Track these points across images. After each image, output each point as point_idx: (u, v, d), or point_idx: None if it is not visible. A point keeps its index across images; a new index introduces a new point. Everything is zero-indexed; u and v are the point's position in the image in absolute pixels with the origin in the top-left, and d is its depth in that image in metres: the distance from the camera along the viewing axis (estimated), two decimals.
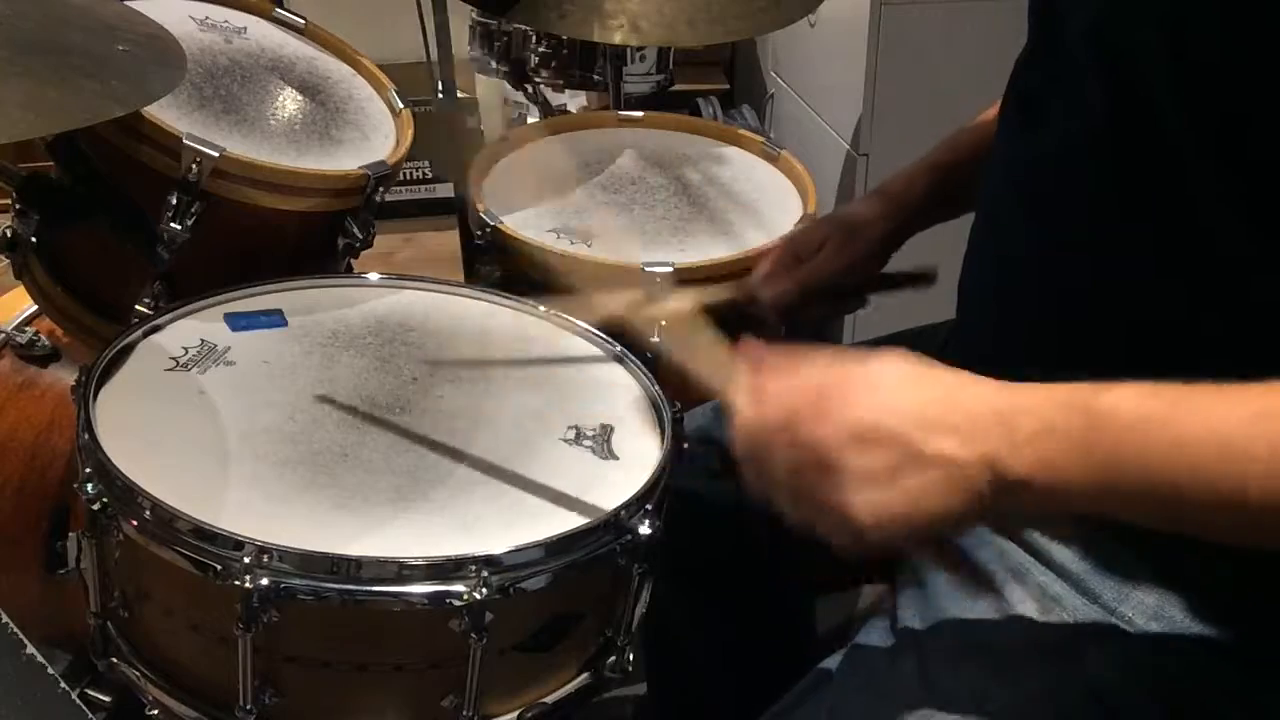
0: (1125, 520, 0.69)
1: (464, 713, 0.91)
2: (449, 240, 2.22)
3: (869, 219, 1.12)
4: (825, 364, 0.72)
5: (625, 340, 1.15)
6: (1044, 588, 0.82)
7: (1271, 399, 0.63)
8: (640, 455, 1.01)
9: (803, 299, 1.15)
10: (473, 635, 0.87)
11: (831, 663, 0.91)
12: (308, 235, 1.32)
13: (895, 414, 0.68)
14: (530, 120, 2.64)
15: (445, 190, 2.74)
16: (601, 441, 1.03)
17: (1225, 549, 0.66)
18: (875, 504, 0.68)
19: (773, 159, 1.62)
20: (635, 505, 0.94)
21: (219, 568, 0.86)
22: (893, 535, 0.68)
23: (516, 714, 0.95)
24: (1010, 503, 0.67)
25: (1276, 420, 0.62)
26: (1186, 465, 0.64)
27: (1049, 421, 0.66)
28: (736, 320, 1.32)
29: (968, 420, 0.68)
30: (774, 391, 0.72)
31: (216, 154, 1.18)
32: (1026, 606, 0.82)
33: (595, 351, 1.16)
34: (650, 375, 1.11)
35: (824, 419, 0.69)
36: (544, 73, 2.15)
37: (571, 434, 1.03)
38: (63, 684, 0.75)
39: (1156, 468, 0.64)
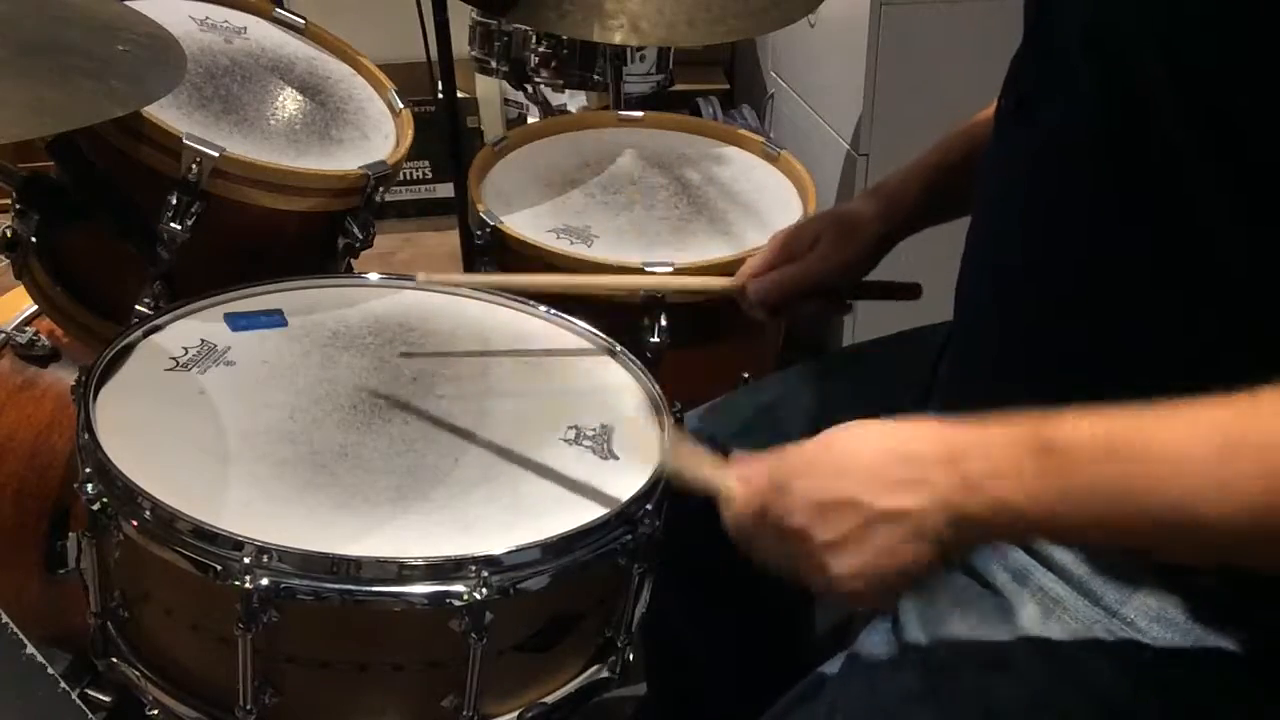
0: (1092, 545, 0.72)
1: (464, 713, 0.91)
2: (449, 240, 2.22)
3: (864, 218, 1.12)
4: (788, 454, 0.77)
5: (625, 340, 1.15)
6: (1046, 590, 0.82)
7: (1222, 414, 0.64)
8: (640, 455, 1.01)
9: (791, 296, 1.14)
10: (473, 635, 0.87)
11: (832, 665, 0.91)
12: (308, 235, 1.32)
13: (848, 480, 0.73)
14: (530, 120, 2.64)
15: (445, 190, 2.74)
16: (601, 441, 1.03)
17: None
18: (851, 566, 0.72)
19: (773, 159, 1.62)
20: (635, 505, 0.94)
21: (219, 568, 0.86)
22: (874, 590, 0.73)
23: (516, 714, 0.95)
24: (975, 538, 0.72)
25: (1222, 445, 0.63)
26: (1140, 490, 0.65)
27: (997, 463, 0.69)
28: (726, 314, 1.33)
29: (917, 471, 0.71)
30: (750, 487, 0.78)
31: (216, 154, 1.18)
32: (1028, 609, 0.82)
33: (594, 351, 1.16)
34: (650, 375, 1.11)
35: (788, 501, 0.74)
36: (544, 73, 2.15)
37: (571, 434, 1.03)
38: (63, 684, 0.75)
39: (1110, 495, 0.66)
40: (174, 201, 1.19)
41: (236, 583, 0.85)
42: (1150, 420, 0.66)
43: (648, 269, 1.32)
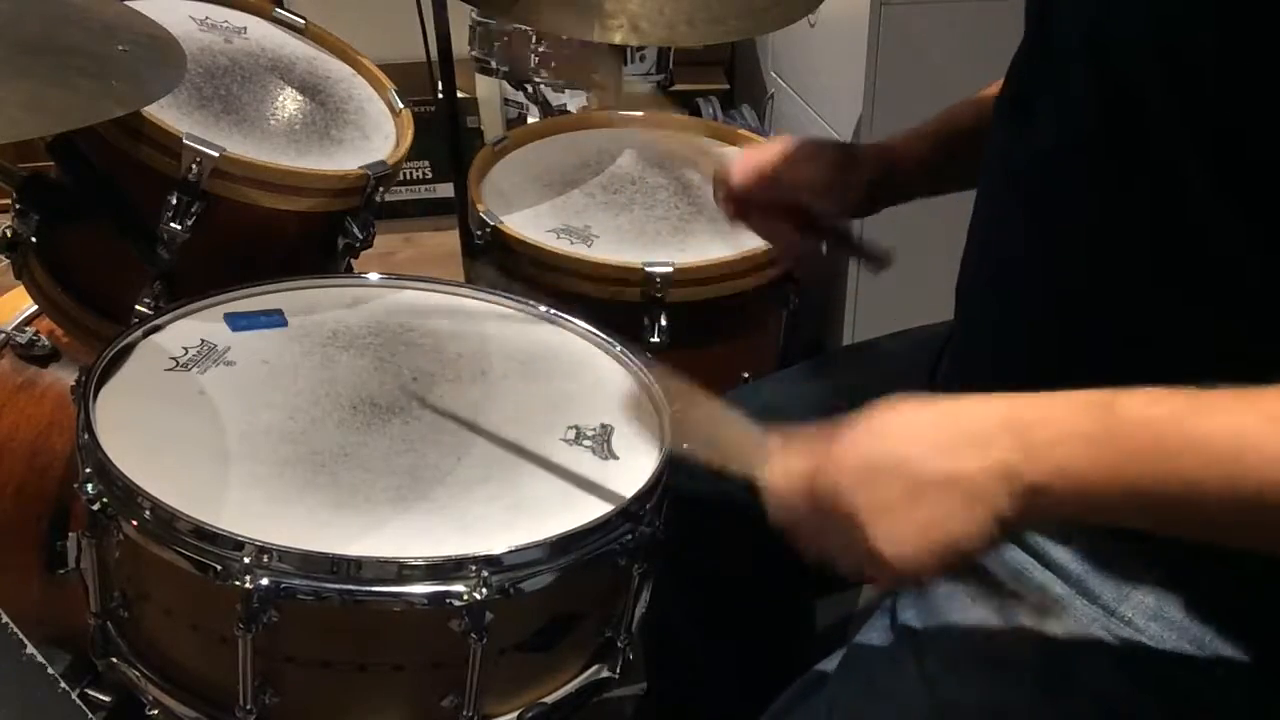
0: (1148, 528, 0.69)
1: (464, 713, 0.91)
2: (449, 240, 2.21)
3: (865, 158, 1.10)
4: (833, 428, 0.73)
5: (625, 340, 1.15)
6: (1044, 588, 0.82)
7: (1275, 399, 0.63)
8: (640, 455, 1.01)
9: (769, 200, 1.09)
10: (473, 635, 0.87)
11: (830, 663, 0.91)
12: (308, 235, 1.32)
13: (898, 445, 0.69)
14: (530, 120, 2.64)
15: (445, 190, 2.74)
16: (601, 441, 1.03)
17: (1225, 550, 0.66)
18: (895, 535, 0.68)
19: None
20: (636, 505, 0.94)
21: (219, 568, 0.86)
22: (921, 563, 0.68)
23: (516, 714, 0.95)
24: (1031, 511, 0.67)
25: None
26: (1202, 464, 0.63)
27: (1063, 427, 0.66)
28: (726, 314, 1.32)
29: (973, 435, 0.68)
30: (792, 464, 0.74)
31: (216, 154, 1.18)
32: (1026, 607, 0.82)
33: (595, 351, 1.16)
34: (650, 375, 1.11)
35: (834, 473, 0.70)
36: (544, 73, 2.15)
37: (571, 434, 1.03)
38: (63, 684, 0.75)
39: (1174, 467, 0.64)
40: (174, 201, 1.19)
41: (236, 583, 0.85)
42: (1213, 399, 0.64)
43: (648, 269, 1.32)
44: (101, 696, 1.37)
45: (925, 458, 0.68)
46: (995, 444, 0.67)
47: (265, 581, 0.85)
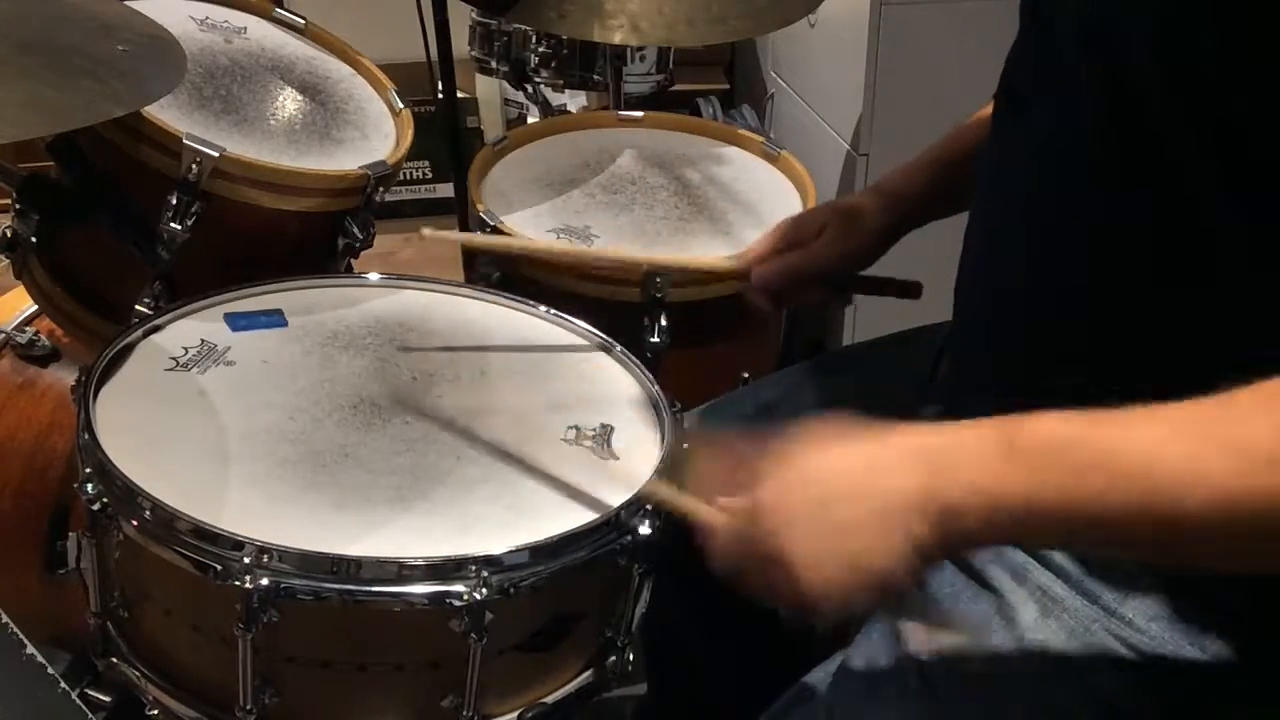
0: (1079, 549, 0.71)
1: (464, 713, 0.91)
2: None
3: (869, 210, 1.12)
4: (762, 478, 0.75)
5: (625, 340, 1.15)
6: (1044, 589, 0.82)
7: (1195, 412, 0.64)
8: (640, 455, 1.01)
9: (794, 283, 1.14)
10: (473, 635, 0.87)
11: (831, 665, 0.91)
12: (308, 235, 1.32)
13: (817, 489, 0.72)
14: (530, 120, 2.64)
15: (445, 190, 2.74)
16: (601, 441, 1.03)
17: None
18: (821, 574, 0.71)
19: (773, 159, 1.62)
20: (635, 505, 0.94)
21: (219, 568, 0.86)
22: (847, 597, 0.71)
23: (516, 714, 0.95)
24: (950, 535, 0.69)
25: (1191, 437, 0.63)
26: (1109, 479, 0.64)
27: (972, 449, 0.68)
28: (726, 314, 1.33)
29: (886, 465, 0.71)
30: (728, 522, 0.77)
31: (216, 154, 1.18)
32: (1027, 608, 0.82)
33: (595, 351, 1.16)
34: (650, 374, 1.11)
35: (760, 521, 0.74)
36: (544, 73, 2.15)
37: (571, 434, 1.03)
38: (63, 684, 0.75)
39: (1082, 482, 0.65)
40: (174, 201, 1.19)
41: (236, 583, 0.85)
42: (1122, 417, 0.65)
43: (648, 269, 1.32)
44: (101, 696, 1.37)
45: (842, 497, 0.71)
46: (907, 471, 0.69)
47: (265, 581, 0.85)
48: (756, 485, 0.75)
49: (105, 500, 0.91)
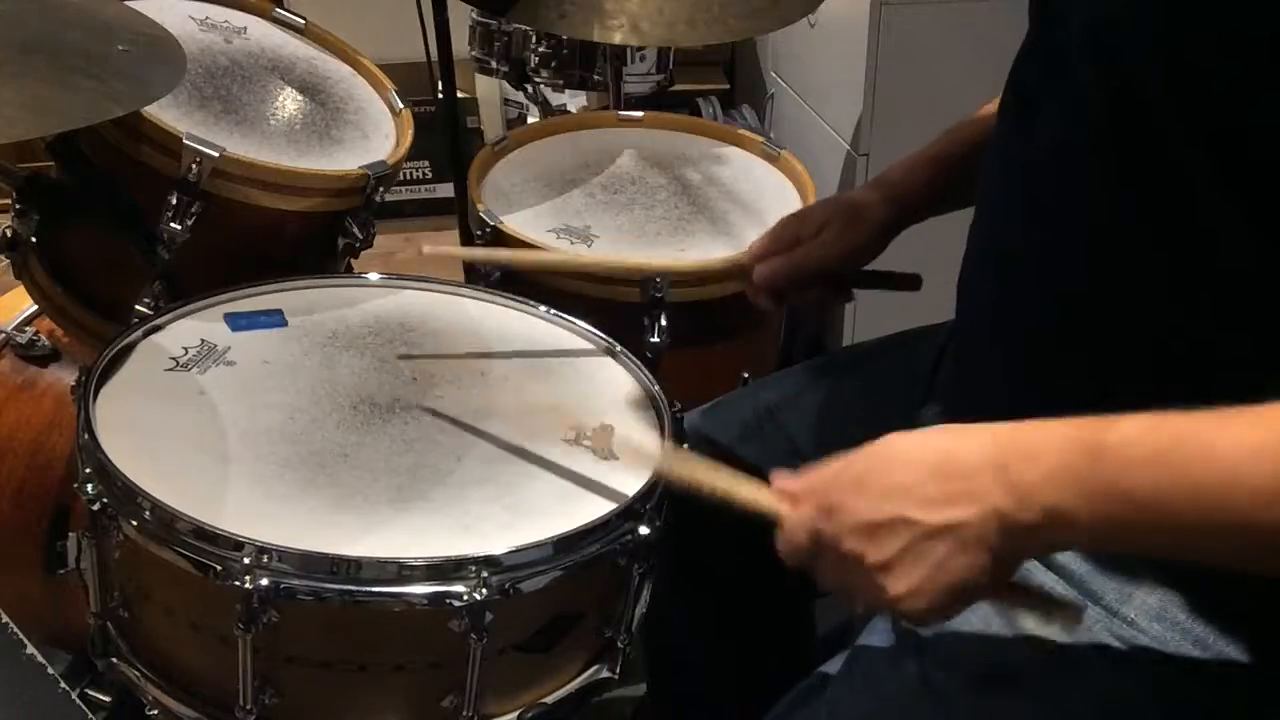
0: (1138, 552, 0.71)
1: (464, 713, 0.91)
2: (449, 240, 2.21)
3: (870, 205, 1.12)
4: (836, 469, 0.75)
5: (625, 340, 1.15)
6: (1046, 589, 0.82)
7: (1271, 429, 0.63)
8: (640, 455, 1.01)
9: (795, 280, 1.14)
10: (473, 635, 0.87)
11: (833, 665, 0.91)
12: (308, 235, 1.32)
13: (896, 499, 0.71)
14: (530, 120, 2.64)
15: (445, 190, 2.74)
16: (601, 441, 1.02)
17: None
18: (908, 585, 0.71)
19: (773, 159, 1.62)
20: (635, 505, 0.94)
21: (219, 568, 0.86)
22: (937, 606, 0.72)
23: (516, 714, 0.95)
24: (1024, 548, 0.70)
25: (1274, 452, 0.63)
26: (1188, 497, 0.64)
27: (1051, 466, 0.68)
28: (726, 314, 1.33)
29: (964, 483, 0.70)
30: (799, 511, 0.76)
31: (216, 154, 1.18)
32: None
33: (595, 351, 1.16)
34: (650, 375, 1.11)
35: (838, 524, 0.73)
36: (544, 73, 2.15)
37: (571, 434, 1.03)
38: (63, 684, 0.75)
39: (1160, 501, 0.65)
40: (174, 201, 1.19)
41: (236, 583, 0.85)
42: (1206, 423, 0.65)
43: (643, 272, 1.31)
44: (101, 696, 1.37)
45: (922, 513, 0.70)
46: (986, 491, 0.69)
47: (265, 582, 0.85)
48: (826, 480, 0.75)
49: (105, 500, 0.91)
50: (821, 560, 0.75)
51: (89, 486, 0.92)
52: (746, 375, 1.40)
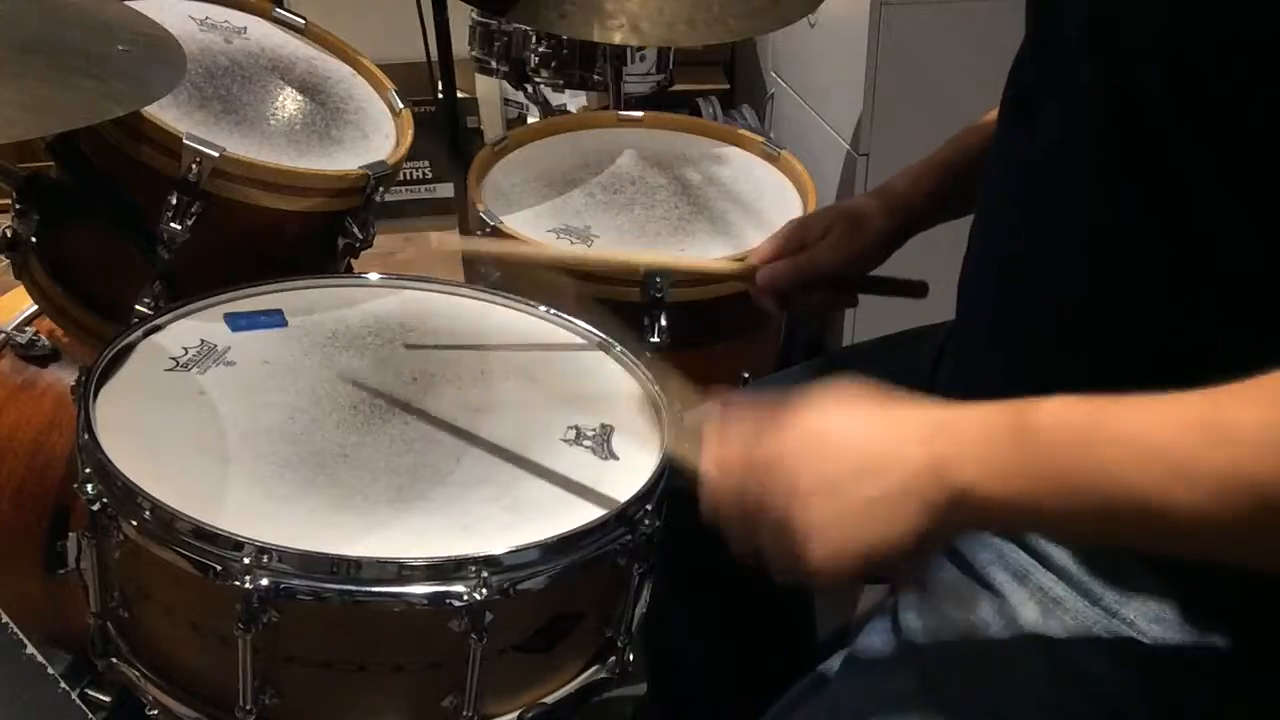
0: (1065, 536, 0.72)
1: (464, 713, 0.91)
2: (449, 240, 2.21)
3: (873, 213, 1.12)
4: (770, 435, 0.75)
5: (625, 340, 1.15)
6: (1045, 590, 0.82)
7: (1201, 407, 0.64)
8: (640, 455, 1.01)
9: (799, 286, 1.14)
10: (473, 635, 0.87)
11: (831, 664, 0.91)
12: (308, 235, 1.32)
13: (833, 453, 0.72)
14: (530, 120, 2.64)
15: (445, 190, 2.75)
16: (601, 441, 1.03)
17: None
18: (824, 539, 0.71)
19: (773, 159, 1.62)
20: (635, 505, 0.94)
21: (219, 568, 0.86)
22: (846, 565, 0.71)
23: (516, 714, 0.95)
24: (954, 519, 0.69)
25: (1199, 430, 0.63)
26: (1107, 471, 0.65)
27: (985, 432, 0.69)
28: (726, 314, 1.33)
29: (908, 440, 0.70)
30: (729, 463, 0.76)
31: (216, 154, 1.18)
32: (1027, 609, 0.82)
33: (595, 351, 1.16)
34: (650, 375, 1.11)
35: (766, 487, 0.73)
36: (544, 73, 2.15)
37: (571, 434, 1.03)
38: (63, 684, 0.75)
39: (1083, 479, 0.66)
40: (174, 201, 1.19)
41: (236, 583, 0.85)
42: (1127, 407, 0.65)
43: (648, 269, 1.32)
44: (101, 696, 1.37)
45: (856, 470, 0.71)
46: (932, 438, 0.69)
47: (265, 581, 0.85)
48: (764, 441, 0.75)
49: (105, 500, 0.91)
50: (740, 522, 0.75)
51: (89, 486, 0.92)
52: (746, 375, 1.40)
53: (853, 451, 0.72)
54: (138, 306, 1.23)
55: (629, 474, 0.98)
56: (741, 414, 0.78)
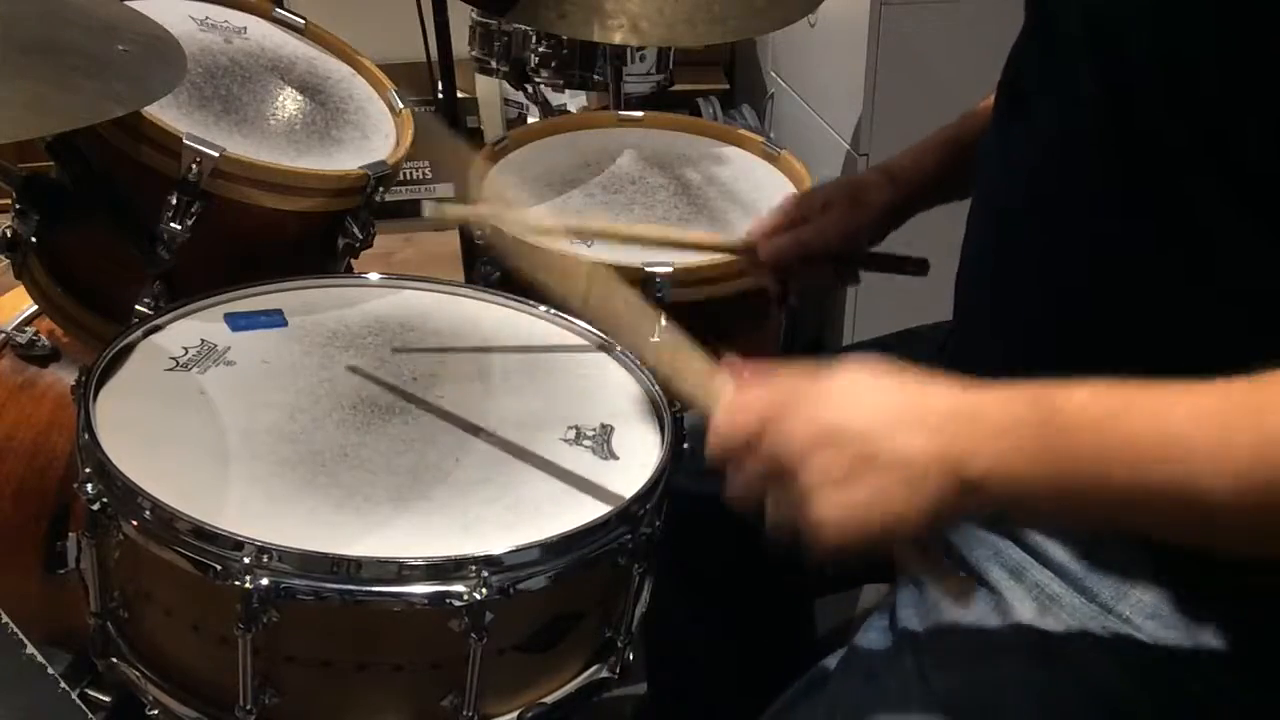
0: (1083, 524, 0.70)
1: (464, 713, 0.91)
2: (449, 240, 2.22)
3: (874, 186, 1.12)
4: (797, 376, 0.74)
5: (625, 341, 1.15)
6: (1042, 586, 0.82)
7: (1222, 399, 0.63)
8: (640, 455, 1.01)
9: (800, 260, 1.14)
10: (473, 635, 0.87)
11: (830, 662, 0.91)
12: (308, 235, 1.32)
13: (858, 416, 0.70)
14: (530, 120, 2.64)
15: (445, 190, 2.74)
16: (601, 441, 1.03)
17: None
18: (834, 503, 0.69)
19: (773, 159, 1.62)
20: (635, 505, 0.94)
21: (219, 568, 0.86)
22: (853, 534, 0.69)
23: (516, 714, 0.95)
24: (968, 502, 0.68)
25: (1221, 419, 0.63)
26: (1132, 462, 0.64)
27: (1008, 419, 0.68)
28: (726, 314, 1.33)
29: (929, 419, 0.69)
30: (747, 402, 0.74)
31: (216, 154, 1.18)
32: (1024, 605, 0.82)
33: (595, 351, 1.16)
34: (650, 375, 1.11)
35: (790, 425, 0.71)
36: (544, 73, 2.15)
37: (571, 434, 1.03)
38: (63, 684, 0.75)
39: (1106, 464, 0.65)
40: (174, 201, 1.19)
41: (236, 583, 0.85)
42: (1155, 393, 0.65)
43: (648, 269, 1.31)
44: (101, 696, 1.37)
45: (878, 436, 0.69)
46: (948, 431, 0.68)
47: (265, 581, 0.85)
48: (786, 389, 0.73)
49: (105, 500, 0.91)
50: (748, 463, 0.73)
51: (89, 486, 0.92)
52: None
53: (873, 417, 0.70)
54: (138, 306, 1.23)
55: (629, 474, 0.98)
56: (763, 372, 0.76)
